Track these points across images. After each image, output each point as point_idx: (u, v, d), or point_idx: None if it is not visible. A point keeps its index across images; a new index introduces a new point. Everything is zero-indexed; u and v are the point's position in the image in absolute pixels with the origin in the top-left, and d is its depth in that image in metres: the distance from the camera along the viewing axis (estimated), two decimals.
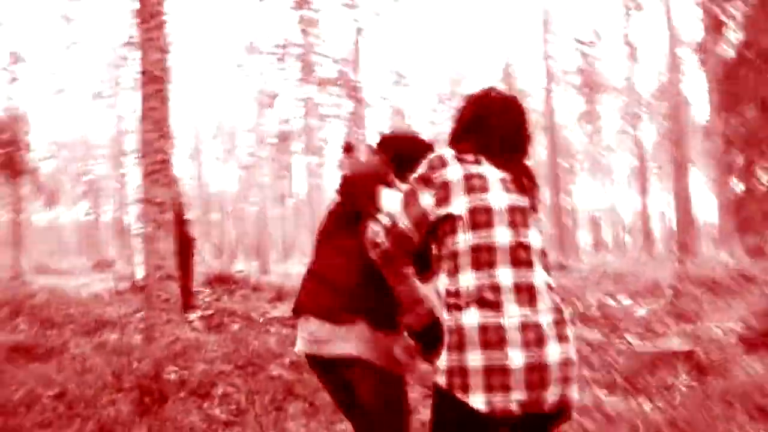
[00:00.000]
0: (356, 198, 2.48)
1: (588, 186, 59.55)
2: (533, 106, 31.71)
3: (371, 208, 2.31)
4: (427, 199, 2.04)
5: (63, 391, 5.36)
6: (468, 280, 1.95)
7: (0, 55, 22.55)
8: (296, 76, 43.48)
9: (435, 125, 42.14)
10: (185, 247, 6.18)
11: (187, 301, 7.31)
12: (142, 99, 6.05)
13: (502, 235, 1.97)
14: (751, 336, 7.17)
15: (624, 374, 5.55)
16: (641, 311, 9.85)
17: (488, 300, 1.91)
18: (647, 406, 4.70)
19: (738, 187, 25.65)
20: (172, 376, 5.40)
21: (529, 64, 39.99)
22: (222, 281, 13.42)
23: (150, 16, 5.83)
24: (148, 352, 5.63)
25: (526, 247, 2.00)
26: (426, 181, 2.06)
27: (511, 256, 1.97)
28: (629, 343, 7.06)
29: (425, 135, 2.80)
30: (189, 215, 9.11)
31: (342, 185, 2.63)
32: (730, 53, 25.00)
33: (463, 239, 1.98)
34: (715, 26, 18.83)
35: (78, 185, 44.41)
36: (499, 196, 2.02)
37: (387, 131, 3.19)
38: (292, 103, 44.98)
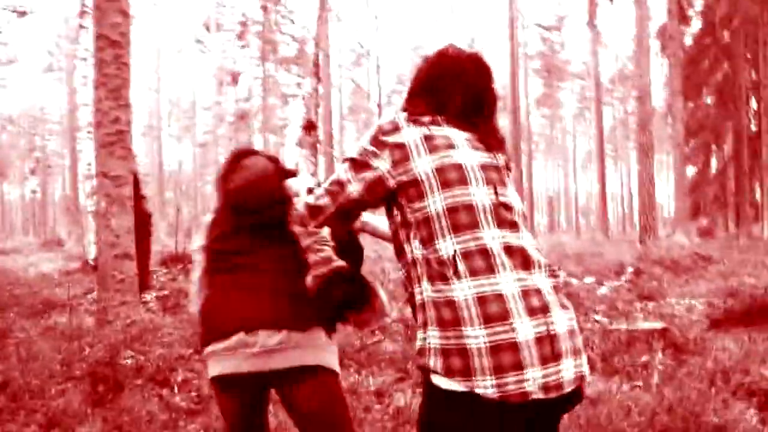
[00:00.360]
0: (265, 201, 2.36)
1: (543, 168, 60.16)
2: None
3: (287, 204, 2.25)
4: (383, 164, 1.77)
5: (5, 381, 4.98)
6: (448, 246, 1.65)
7: None
8: (256, 53, 42.84)
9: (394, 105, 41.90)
10: (142, 224, 5.82)
11: (144, 281, 6.92)
12: (98, 65, 5.63)
13: (479, 194, 1.72)
14: (715, 314, 7.22)
15: (600, 355, 5.40)
16: (603, 290, 9.83)
17: (479, 266, 1.64)
18: (627, 386, 4.57)
19: (692, 170, 26.21)
20: (128, 362, 5.07)
21: (492, 46, 39.81)
22: (177, 260, 12.96)
23: None
24: (102, 337, 5.27)
25: (509, 207, 1.76)
26: (378, 144, 1.79)
27: (494, 215, 1.71)
28: (597, 322, 6.94)
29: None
30: (145, 191, 8.69)
31: (247, 198, 2.41)
32: (689, 41, 25.39)
33: (433, 201, 1.70)
34: (679, 12, 18.91)
35: (27, 161, 42.96)
36: (468, 153, 1.77)
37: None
38: (252, 81, 44.34)
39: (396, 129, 1.78)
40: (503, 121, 23.95)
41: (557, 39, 43.21)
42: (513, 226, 1.73)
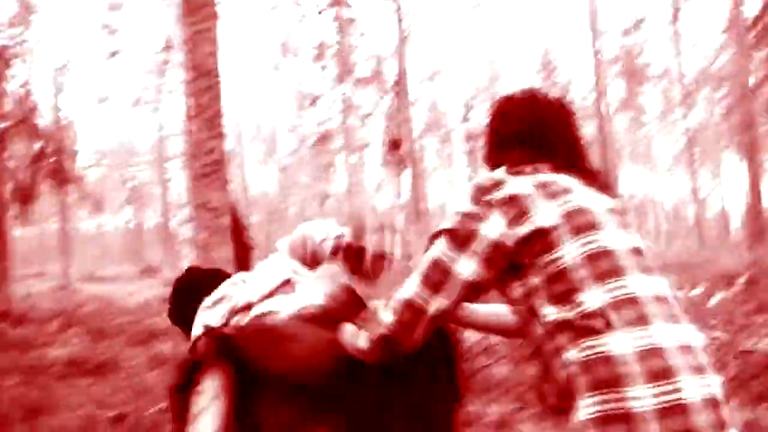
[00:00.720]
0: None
1: (628, 173, 58.24)
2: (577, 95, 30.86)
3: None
4: (495, 226, 1.51)
5: (122, 414, 5.01)
6: (595, 297, 1.41)
7: (46, 65, 22.76)
8: (333, 75, 43.41)
9: (470, 121, 41.54)
10: (243, 255, 5.76)
11: None
12: (192, 96, 5.63)
13: (616, 238, 1.50)
14: None
15: (736, 378, 4.94)
16: (714, 301, 9.24)
17: (632, 317, 1.39)
18: None
19: None
20: None
21: (569, 54, 39.02)
22: None
23: (199, 6, 5.43)
24: None
25: (641, 251, 1.54)
26: (483, 205, 1.54)
27: (634, 260, 1.49)
28: (716, 338, 6.39)
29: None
30: (246, 221, 8.74)
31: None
32: None
33: (568, 251, 1.46)
34: None
35: (122, 192, 44.78)
36: (589, 196, 1.56)
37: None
38: (330, 102, 44.95)
39: (499, 184, 1.55)
40: (588, 129, 23.30)
41: (638, 41, 41.93)
42: (651, 271, 1.50)
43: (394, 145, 18.03)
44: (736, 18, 15.51)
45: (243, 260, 5.65)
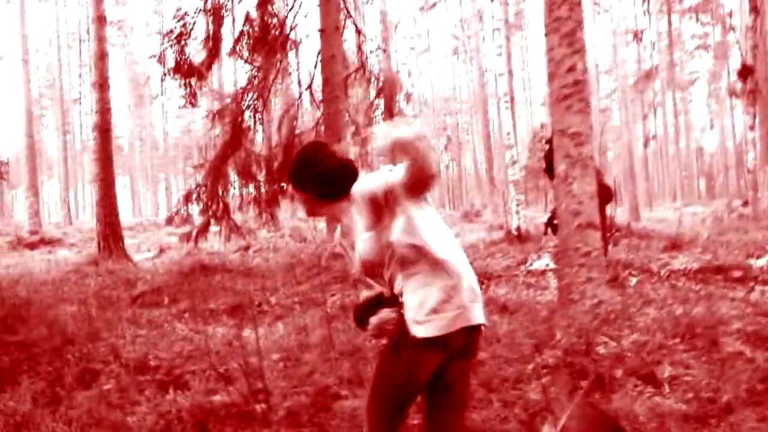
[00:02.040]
0: None
1: None
2: None
3: None
4: None
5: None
6: None
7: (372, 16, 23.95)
8: (657, 7, 39.51)
9: None
10: (602, 194, 5.00)
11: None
12: (547, 8, 4.90)
13: None
14: None
15: None
16: None
17: None
18: None
19: None
20: (602, 350, 4.30)
21: None
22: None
23: None
24: (569, 318, 4.56)
25: None
26: None
27: None
28: None
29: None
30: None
31: None
32: None
33: None
34: None
35: (441, 139, 46.33)
36: None
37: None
38: (655, 36, 41.13)
39: None
40: None
41: None
42: None
43: (745, 71, 15.43)
44: None
45: (601, 201, 4.87)
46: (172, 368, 4.14)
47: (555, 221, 5.35)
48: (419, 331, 2.18)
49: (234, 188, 11.75)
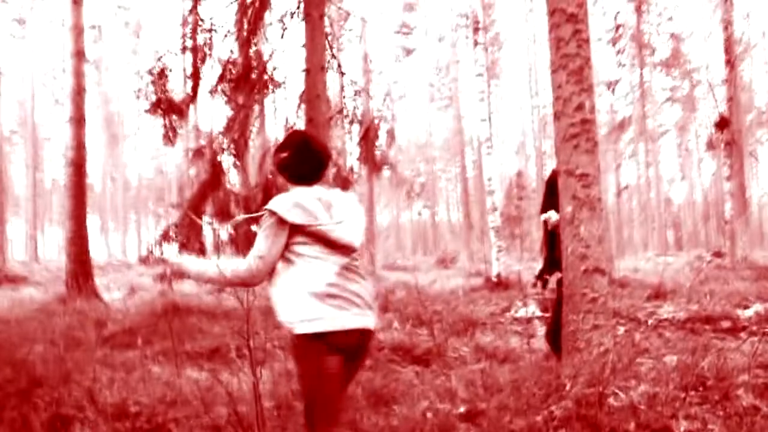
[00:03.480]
0: None
1: None
2: None
3: None
4: None
5: (472, 411, 4.33)
6: None
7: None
8: (628, 60, 40.45)
9: None
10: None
11: None
12: (554, 44, 4.78)
13: None
14: None
15: None
16: None
17: None
18: None
19: None
20: (613, 401, 4.06)
21: None
22: None
23: None
24: (575, 367, 4.32)
25: None
26: None
27: None
28: None
29: None
30: None
31: None
32: None
33: None
34: None
35: (414, 185, 46.40)
36: None
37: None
38: (626, 88, 41.99)
39: None
40: None
41: None
42: None
43: (722, 123, 15.65)
44: None
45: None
46: (153, 415, 3.79)
47: (546, 276, 5.13)
48: None
49: (213, 227, 11.45)
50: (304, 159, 2.85)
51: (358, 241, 2.83)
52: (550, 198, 4.97)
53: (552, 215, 4.95)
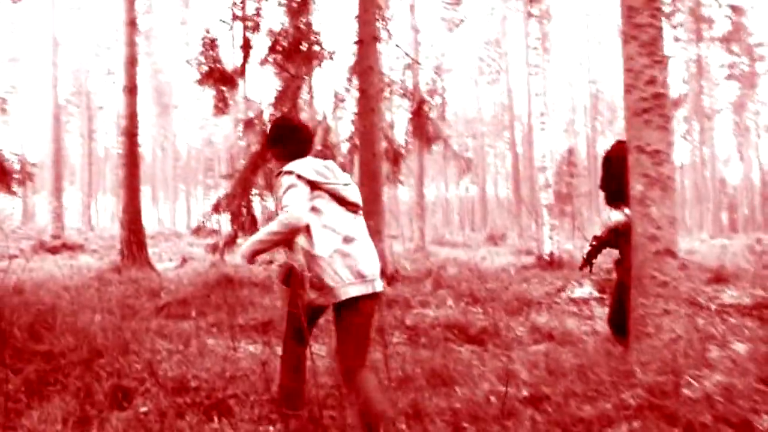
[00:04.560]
0: None
1: None
2: None
3: None
4: None
5: (535, 395, 4.18)
6: None
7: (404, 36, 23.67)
8: (685, 35, 39.14)
9: None
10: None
11: None
12: (625, 14, 4.53)
13: None
14: None
15: None
16: None
17: None
18: None
19: None
20: (687, 392, 3.88)
21: None
22: None
23: None
24: (647, 353, 4.14)
25: None
26: None
27: None
28: None
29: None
30: None
31: None
32: None
33: None
34: None
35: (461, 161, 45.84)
36: None
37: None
38: (681, 64, 40.69)
39: None
40: None
41: None
42: None
43: None
44: None
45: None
46: (212, 390, 3.76)
47: (593, 259, 4.87)
48: None
49: (264, 200, 11.46)
50: (294, 141, 3.31)
51: (359, 197, 3.24)
52: (610, 174, 4.72)
53: (615, 216, 4.66)
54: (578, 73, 46.86)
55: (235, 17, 11.28)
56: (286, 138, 3.32)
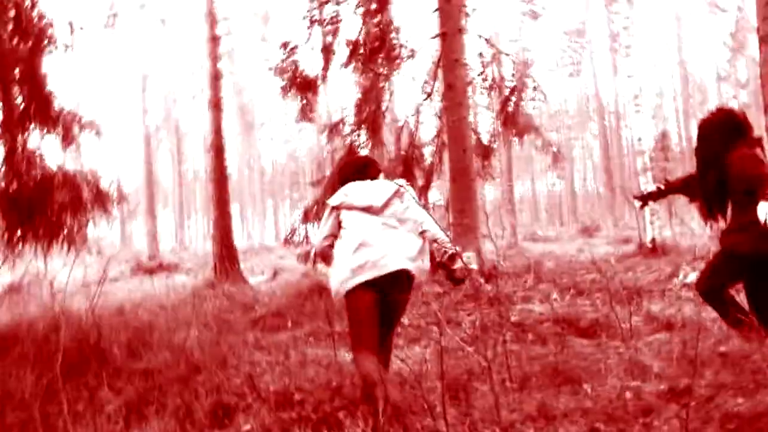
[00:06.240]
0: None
1: None
2: None
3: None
4: None
5: (675, 389, 3.67)
6: None
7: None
8: None
9: None
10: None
11: None
12: (764, 20, 3.99)
13: None
14: None
15: None
16: None
17: None
18: None
19: None
20: None
21: None
22: None
23: None
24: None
25: None
26: None
27: None
28: None
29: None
30: None
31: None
32: None
33: None
34: None
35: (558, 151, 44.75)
36: None
37: None
38: None
39: None
40: None
41: None
42: None
43: None
44: None
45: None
46: (319, 403, 3.46)
47: (653, 200, 4.63)
48: None
49: None
50: (343, 179, 3.99)
51: (378, 201, 3.68)
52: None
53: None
54: (666, 54, 44.90)
55: (313, 22, 11.14)
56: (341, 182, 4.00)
